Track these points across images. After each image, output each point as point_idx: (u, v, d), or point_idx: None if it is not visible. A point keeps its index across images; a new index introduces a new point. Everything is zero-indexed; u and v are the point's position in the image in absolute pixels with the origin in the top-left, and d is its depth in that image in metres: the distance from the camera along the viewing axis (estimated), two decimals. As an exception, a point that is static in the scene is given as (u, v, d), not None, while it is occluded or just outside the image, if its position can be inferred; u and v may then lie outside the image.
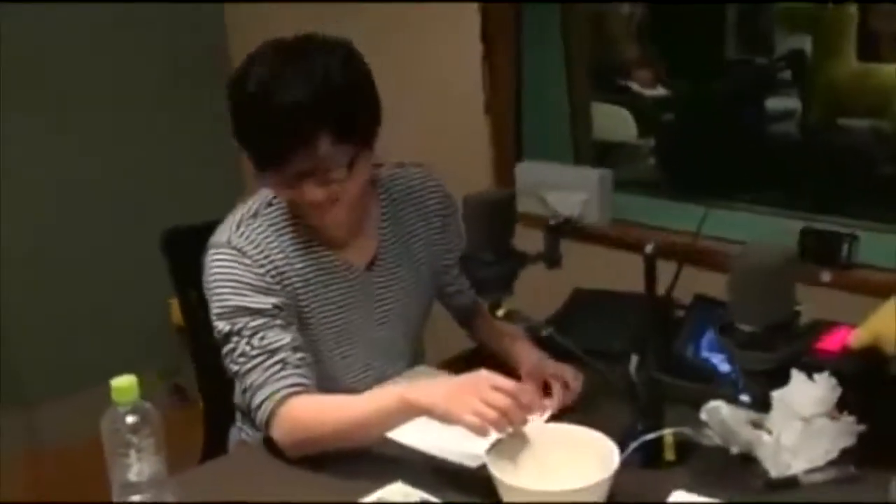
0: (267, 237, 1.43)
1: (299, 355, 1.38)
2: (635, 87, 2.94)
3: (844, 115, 2.39)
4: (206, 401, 1.83)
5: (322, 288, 1.47)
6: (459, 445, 1.35)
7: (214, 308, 1.41)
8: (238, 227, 1.43)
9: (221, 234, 1.44)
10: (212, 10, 3.08)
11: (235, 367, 1.39)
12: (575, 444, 1.22)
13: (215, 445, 1.73)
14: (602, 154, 2.61)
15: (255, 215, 1.45)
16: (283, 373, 1.36)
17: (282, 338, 1.38)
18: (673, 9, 2.66)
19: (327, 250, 1.48)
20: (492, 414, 1.18)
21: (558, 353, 1.65)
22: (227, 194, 1.69)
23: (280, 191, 1.41)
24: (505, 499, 1.15)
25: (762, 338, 1.01)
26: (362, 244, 1.53)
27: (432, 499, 1.23)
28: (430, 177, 1.61)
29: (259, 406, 1.36)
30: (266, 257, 1.42)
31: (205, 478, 1.40)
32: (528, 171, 2.40)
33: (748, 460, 1.26)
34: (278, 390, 1.35)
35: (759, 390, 1.17)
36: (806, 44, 2.53)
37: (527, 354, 1.57)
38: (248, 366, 1.37)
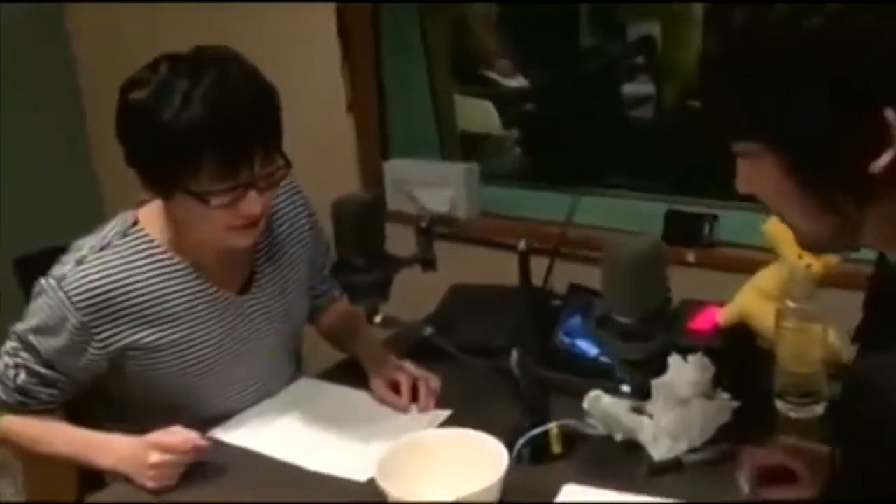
0: (116, 270, 1.35)
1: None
2: (496, 77, 2.95)
3: (695, 98, 2.47)
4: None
5: (190, 314, 1.41)
6: (346, 459, 1.32)
7: (21, 323, 1.38)
8: (80, 262, 1.34)
9: (62, 266, 1.34)
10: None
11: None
12: (465, 448, 1.21)
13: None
14: (469, 147, 2.61)
15: (104, 248, 1.36)
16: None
17: (39, 390, 1.38)
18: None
19: (196, 278, 1.41)
20: (166, 475, 1.28)
21: (439, 353, 1.65)
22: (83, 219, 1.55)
23: (212, 214, 1.29)
24: (396, 512, 1.13)
25: (638, 328, 1.02)
26: (233, 270, 1.47)
27: (321, 519, 1.20)
28: (294, 191, 1.56)
29: None
30: (103, 298, 1.33)
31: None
32: (395, 169, 2.38)
33: (632, 446, 1.28)
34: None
35: (638, 379, 1.18)
36: (655, 30, 2.60)
37: (376, 365, 1.55)
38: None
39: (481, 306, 1.79)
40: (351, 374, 1.59)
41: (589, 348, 1.53)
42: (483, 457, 1.17)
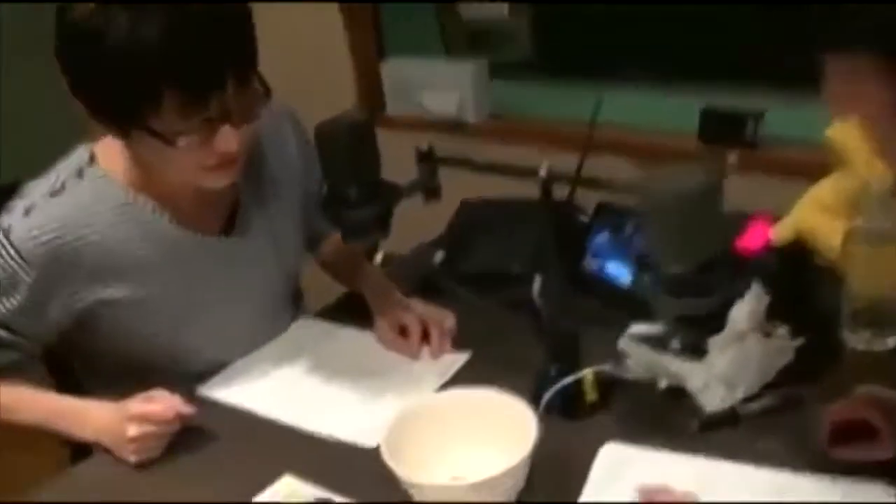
0: (72, 218, 1.15)
1: None
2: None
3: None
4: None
5: (165, 263, 1.22)
6: (352, 420, 1.16)
7: None
8: (29, 211, 1.14)
9: (9, 215, 1.16)
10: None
11: None
12: (487, 413, 1.04)
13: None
14: (475, 39, 2.36)
15: (56, 192, 1.16)
16: None
17: None
18: None
19: (169, 222, 1.22)
20: (148, 448, 1.13)
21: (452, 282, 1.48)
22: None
23: (180, 154, 1.08)
24: (414, 495, 0.97)
25: (692, 281, 0.83)
26: (213, 210, 1.27)
27: (323, 494, 1.05)
28: (279, 112, 1.34)
29: None
30: (60, 252, 1.14)
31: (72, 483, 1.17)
32: (394, 70, 2.15)
33: (678, 393, 1.11)
34: None
35: (692, 338, 1.00)
36: None
37: (381, 304, 1.37)
38: None
39: (497, 225, 1.60)
40: (356, 309, 1.42)
41: (621, 272, 1.35)
42: (507, 417, 1.00)
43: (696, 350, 1.01)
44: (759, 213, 1.29)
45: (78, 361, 1.37)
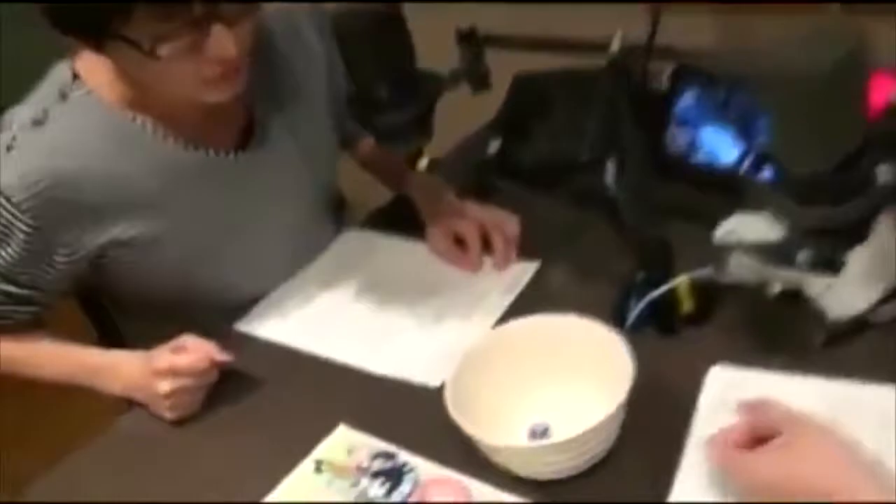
0: (61, 150, 0.99)
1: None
2: None
3: None
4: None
5: (175, 191, 1.06)
6: (411, 357, 1.01)
7: None
8: (10, 148, 0.98)
9: None
10: None
11: None
12: (567, 341, 0.87)
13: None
14: None
15: (39, 121, 0.99)
16: None
17: (12, 311, 1.08)
18: None
19: (173, 142, 1.05)
20: (184, 403, 1.00)
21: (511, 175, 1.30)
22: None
23: (168, 67, 0.91)
24: (490, 456, 0.82)
25: (827, 184, 0.63)
26: (223, 123, 1.10)
27: (383, 446, 0.91)
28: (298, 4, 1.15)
29: None
30: (52, 191, 0.98)
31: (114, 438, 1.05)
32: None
33: (795, 297, 0.92)
34: None
35: (826, 253, 0.79)
36: None
37: (432, 210, 1.20)
38: None
39: (559, 102, 1.39)
40: (408, 215, 1.25)
41: (716, 144, 1.13)
42: (594, 355, 0.84)
43: (830, 265, 0.81)
44: (879, 68, 1.06)
45: (108, 305, 1.24)
